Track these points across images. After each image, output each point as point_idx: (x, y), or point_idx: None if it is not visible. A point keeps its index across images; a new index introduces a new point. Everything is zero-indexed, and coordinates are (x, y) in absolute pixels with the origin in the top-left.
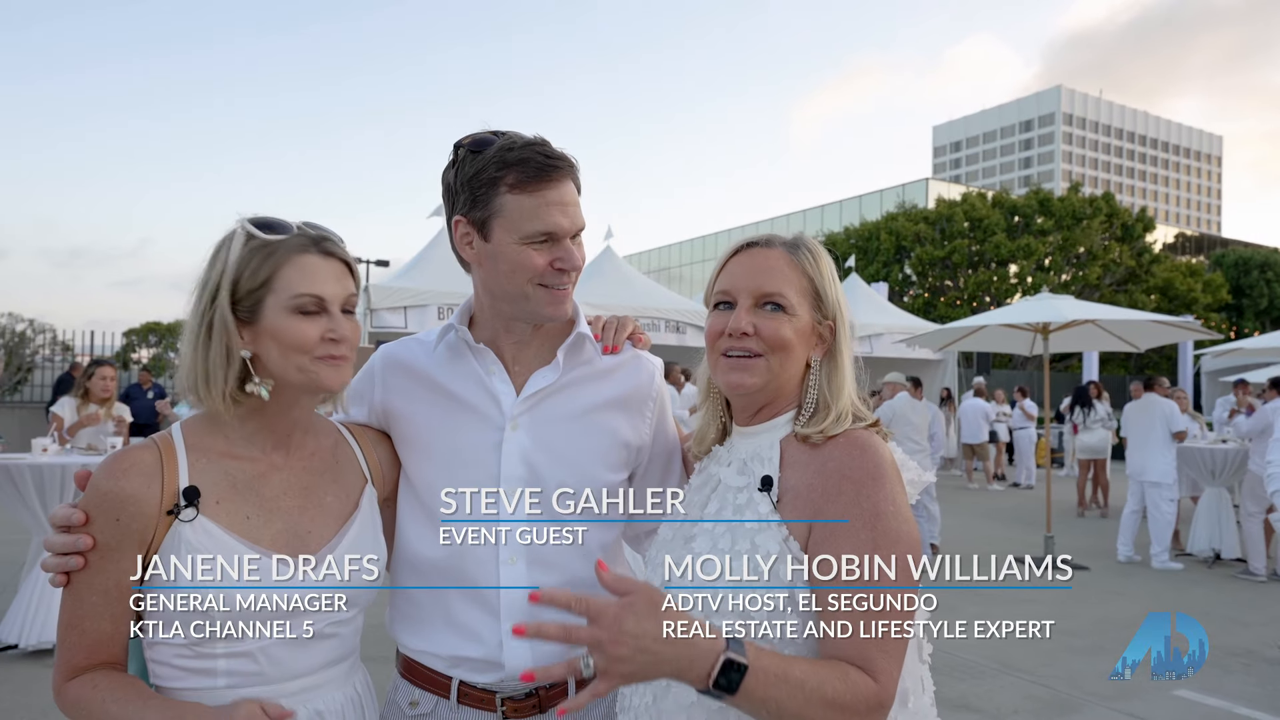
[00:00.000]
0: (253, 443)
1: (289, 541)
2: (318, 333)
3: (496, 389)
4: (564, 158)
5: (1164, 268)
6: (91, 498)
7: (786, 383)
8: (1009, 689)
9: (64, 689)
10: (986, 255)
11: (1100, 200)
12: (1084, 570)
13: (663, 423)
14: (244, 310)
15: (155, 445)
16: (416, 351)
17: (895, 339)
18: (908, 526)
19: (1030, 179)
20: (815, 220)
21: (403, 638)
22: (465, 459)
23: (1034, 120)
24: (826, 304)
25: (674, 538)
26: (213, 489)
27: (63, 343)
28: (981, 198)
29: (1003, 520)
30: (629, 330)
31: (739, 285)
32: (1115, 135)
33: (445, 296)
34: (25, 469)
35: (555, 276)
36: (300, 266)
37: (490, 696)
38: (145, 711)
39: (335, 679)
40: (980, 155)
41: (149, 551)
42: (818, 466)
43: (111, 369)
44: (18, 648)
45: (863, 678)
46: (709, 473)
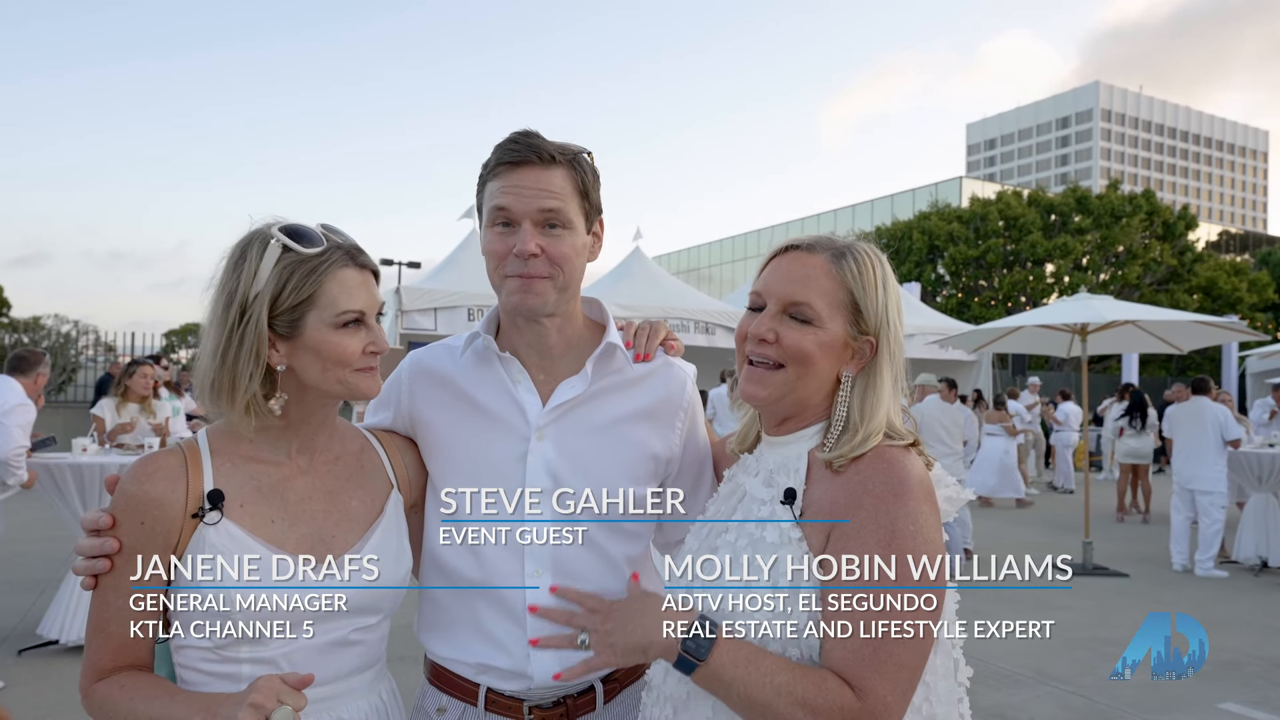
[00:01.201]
0: (277, 447)
1: (313, 545)
2: (359, 346)
3: (522, 398)
4: (533, 146)
5: (1207, 267)
6: (118, 501)
7: (809, 396)
8: (1046, 699)
9: (91, 690)
10: (1022, 255)
11: (1140, 198)
12: (1123, 577)
13: (694, 432)
14: (282, 325)
15: (181, 450)
16: (444, 358)
17: (928, 340)
18: (928, 547)
19: (1067, 177)
20: (846, 220)
21: (431, 644)
22: (490, 468)
23: (1071, 117)
24: (867, 318)
25: (699, 547)
26: (237, 492)
27: (105, 343)
28: (1017, 196)
29: (1039, 525)
30: (661, 337)
31: (770, 289)
32: (1156, 131)
33: (476, 298)
34: (66, 468)
35: (515, 263)
36: (341, 282)
37: (518, 704)
38: (171, 705)
39: (359, 687)
40: (1015, 153)
41: (174, 554)
42: (843, 480)
43: (150, 368)
44: (58, 643)
45: (844, 690)
46: (736, 482)
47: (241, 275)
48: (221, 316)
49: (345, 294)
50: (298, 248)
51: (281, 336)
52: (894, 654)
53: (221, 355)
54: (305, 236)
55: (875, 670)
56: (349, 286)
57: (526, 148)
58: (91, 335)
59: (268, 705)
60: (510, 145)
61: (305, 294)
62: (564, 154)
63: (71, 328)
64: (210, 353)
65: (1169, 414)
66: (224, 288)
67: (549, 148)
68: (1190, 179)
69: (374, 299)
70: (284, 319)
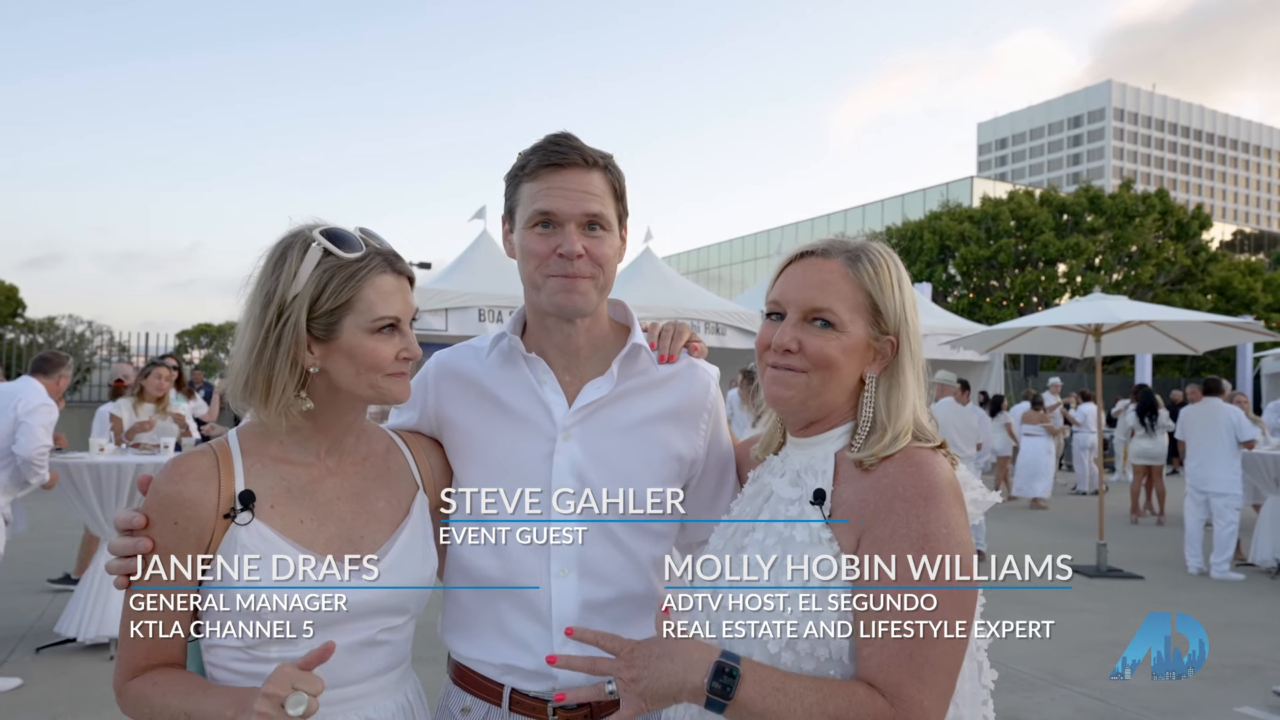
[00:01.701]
0: (306, 448)
1: (341, 546)
2: (393, 351)
3: (548, 399)
4: (575, 148)
5: (1221, 266)
6: (151, 501)
7: (833, 399)
8: (1060, 702)
9: (125, 688)
10: (1034, 254)
11: (1154, 197)
12: (1138, 580)
13: (718, 434)
14: (319, 328)
15: (212, 450)
16: (469, 359)
17: (939, 340)
18: (959, 550)
19: (1079, 176)
20: (857, 220)
21: (455, 644)
22: (516, 469)
23: (1083, 116)
24: (886, 318)
25: (724, 547)
26: (268, 493)
27: (119, 344)
28: (1029, 196)
29: (1052, 527)
30: (685, 338)
31: (789, 297)
32: (1169, 130)
33: (487, 299)
34: (84, 468)
35: (559, 263)
36: (379, 288)
37: (542, 705)
38: (205, 700)
39: (386, 687)
40: (1027, 153)
41: (206, 554)
42: (871, 482)
43: (167, 369)
44: (76, 641)
45: (874, 698)
46: (762, 482)
47: (281, 276)
48: (259, 316)
49: (382, 300)
50: (338, 252)
51: (317, 339)
52: (930, 658)
53: (257, 355)
54: (346, 241)
55: (912, 675)
56: (386, 292)
57: (571, 149)
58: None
59: (281, 693)
60: (553, 148)
61: (344, 298)
62: (602, 158)
63: (85, 328)
64: (245, 351)
65: (1182, 415)
66: (262, 287)
67: (591, 151)
68: (1204, 178)
69: (409, 305)
70: (321, 322)
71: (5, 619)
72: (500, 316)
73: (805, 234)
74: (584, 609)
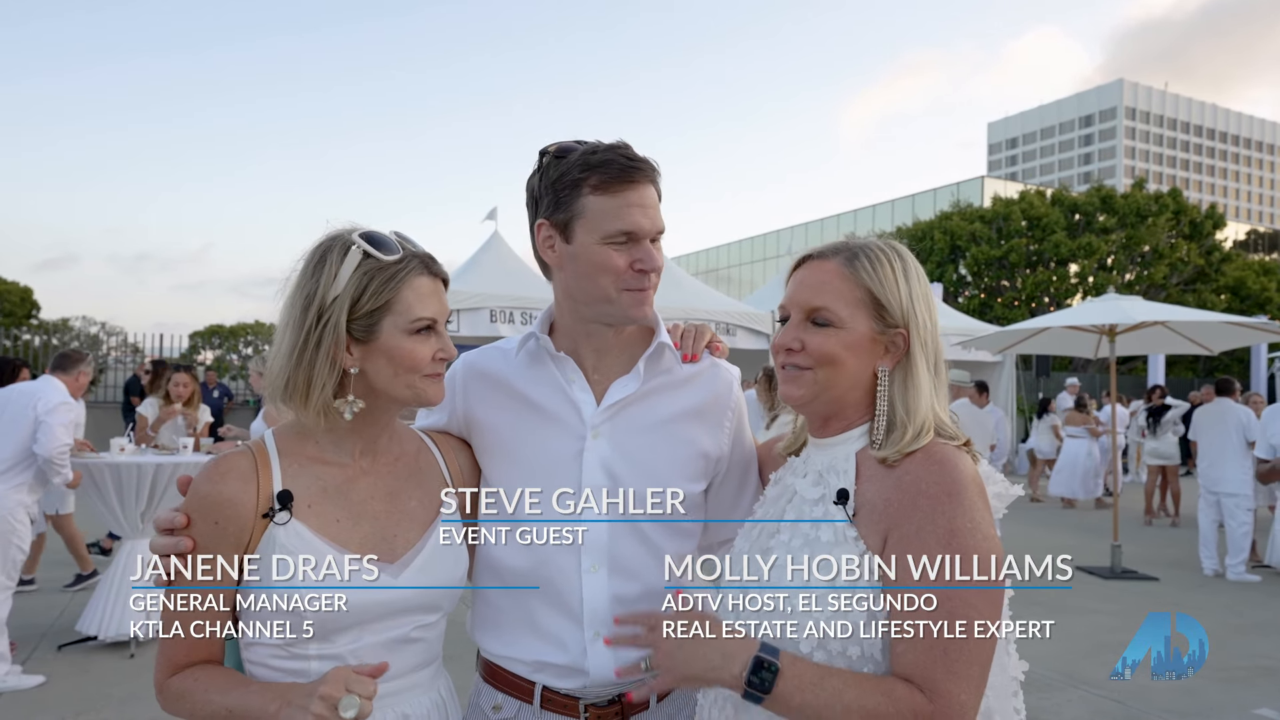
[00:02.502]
0: (341, 448)
1: (376, 545)
2: (430, 352)
3: (577, 397)
4: (646, 161)
5: (1235, 266)
6: (192, 501)
7: (845, 395)
8: (1077, 703)
9: (166, 685)
10: (1045, 255)
11: (1166, 197)
12: (1153, 581)
13: (740, 433)
14: (359, 329)
15: (250, 451)
16: (497, 359)
17: (951, 341)
18: (987, 544)
19: (1090, 176)
20: (867, 220)
21: (485, 642)
22: (547, 467)
23: (1094, 115)
24: (891, 312)
25: (750, 548)
26: (304, 493)
27: (133, 345)
28: (1040, 195)
29: (1067, 528)
30: (707, 338)
31: (793, 299)
32: (1181, 129)
33: (498, 300)
34: (104, 468)
35: (636, 278)
36: (416, 289)
37: (574, 703)
38: (248, 696)
39: (421, 683)
40: (1038, 152)
41: (245, 553)
42: (894, 480)
43: (188, 375)
44: (97, 639)
45: (912, 694)
46: (784, 484)
47: (321, 278)
48: (299, 318)
49: (420, 301)
50: (378, 254)
51: (357, 340)
52: (964, 653)
53: (297, 356)
54: (384, 244)
55: (947, 670)
56: (423, 294)
57: (643, 164)
58: (119, 336)
59: (335, 695)
60: (627, 163)
61: (383, 300)
62: (657, 168)
63: (99, 329)
64: (286, 353)
65: (1194, 416)
66: (302, 290)
67: (651, 163)
68: (1216, 177)
69: (444, 307)
70: (361, 323)
71: (26, 617)
72: (511, 317)
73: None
74: (614, 604)
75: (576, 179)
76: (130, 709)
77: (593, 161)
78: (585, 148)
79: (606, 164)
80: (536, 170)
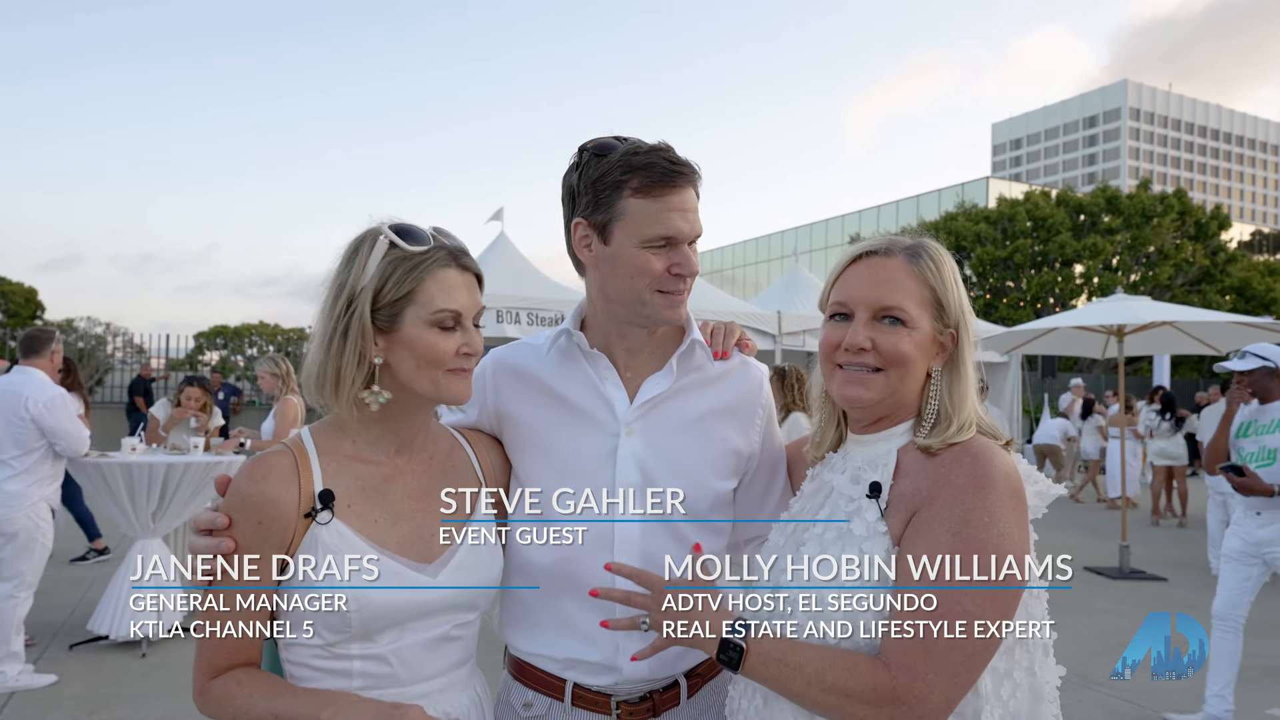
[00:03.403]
0: (377, 447)
1: (413, 544)
2: (453, 347)
3: (610, 394)
4: (688, 164)
5: (1240, 266)
6: (233, 501)
7: (906, 395)
8: (1090, 703)
9: (207, 688)
10: (1050, 255)
11: (1172, 198)
12: (1161, 581)
13: (770, 430)
14: (383, 319)
15: (289, 450)
16: (527, 355)
17: None
18: (1000, 540)
19: (1095, 176)
20: (871, 221)
21: (515, 640)
22: (581, 464)
23: (1099, 116)
24: (949, 312)
25: (785, 543)
26: (344, 492)
27: (138, 346)
28: (1045, 196)
29: (1074, 528)
30: (737, 336)
31: (856, 297)
32: (1186, 130)
33: (504, 300)
34: (116, 467)
35: (673, 281)
36: (441, 281)
37: (605, 699)
38: (294, 701)
39: (459, 681)
40: (1042, 153)
41: (286, 553)
42: (929, 472)
43: (198, 390)
44: (108, 639)
45: (875, 670)
46: (822, 480)
47: (352, 269)
48: (330, 308)
49: (444, 293)
50: (403, 244)
51: (381, 331)
52: (951, 641)
53: (327, 345)
54: (412, 235)
55: (923, 651)
56: (448, 286)
57: (686, 168)
58: (124, 337)
59: None
60: (670, 166)
61: (405, 289)
62: (696, 170)
63: (104, 329)
64: (318, 343)
65: (1201, 416)
66: (335, 281)
67: (692, 166)
68: (1221, 178)
69: (474, 301)
70: (385, 313)
71: (37, 615)
72: (518, 318)
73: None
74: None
75: (618, 180)
76: (142, 709)
77: (635, 163)
78: (627, 147)
79: (649, 166)
80: (575, 167)
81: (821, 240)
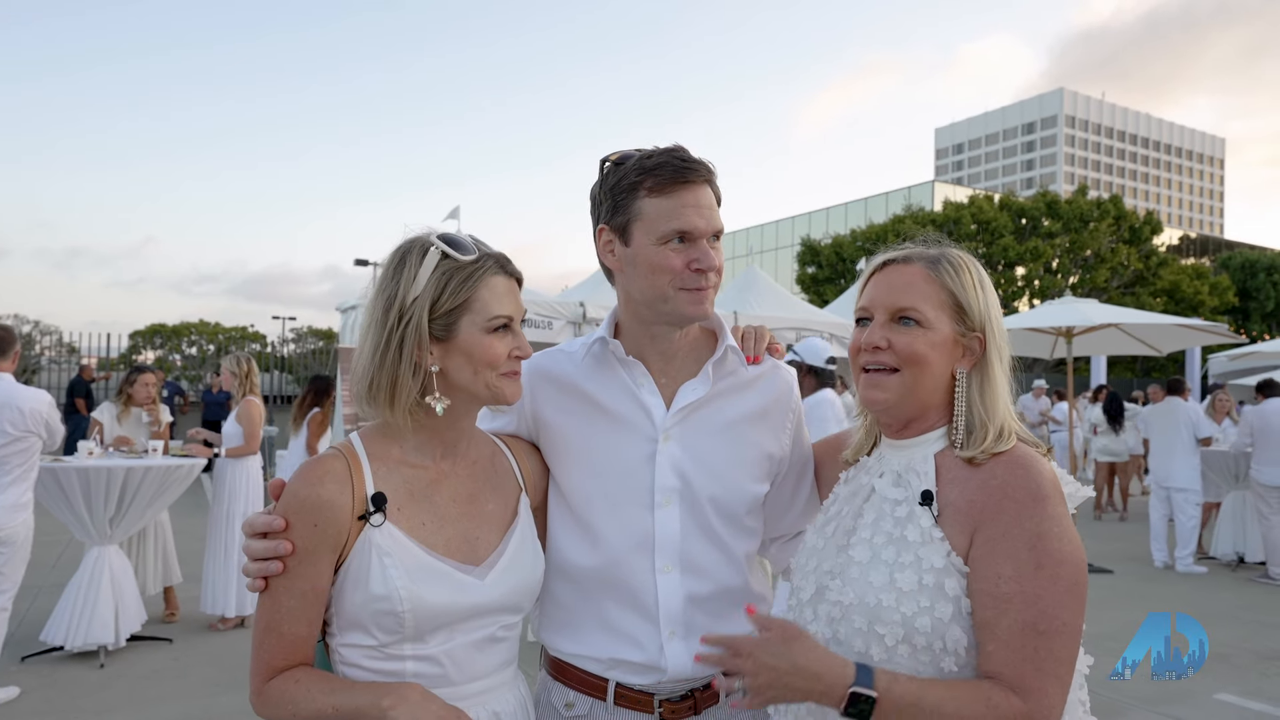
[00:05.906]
0: (424, 452)
1: (460, 547)
2: (506, 349)
3: (647, 401)
4: (700, 163)
5: (1171, 270)
6: (290, 504)
7: (928, 397)
8: None
9: (265, 689)
10: (994, 258)
11: (1108, 203)
12: (1108, 573)
13: (799, 433)
14: (438, 327)
15: (342, 453)
16: (563, 362)
17: None
18: (1070, 547)
19: (1033, 181)
20: (821, 222)
21: (555, 641)
22: (620, 470)
23: (1036, 123)
24: (971, 315)
25: (825, 546)
26: (394, 496)
27: (69, 345)
28: (989, 200)
29: None
30: (766, 340)
31: (876, 301)
32: (1118, 138)
33: None
34: (73, 472)
35: (693, 277)
36: (493, 288)
37: (648, 698)
38: (353, 695)
39: (506, 681)
40: (982, 158)
41: (341, 555)
42: (979, 483)
43: (153, 375)
44: (63, 649)
45: (1008, 698)
46: (859, 482)
47: (401, 280)
48: (381, 319)
49: (496, 299)
50: (455, 255)
51: (436, 339)
52: (1054, 651)
53: (380, 357)
54: (462, 245)
55: (1036, 669)
56: (499, 293)
57: (698, 165)
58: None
59: None
60: (682, 164)
61: (461, 298)
62: (712, 170)
63: (33, 328)
64: (369, 355)
65: (1144, 414)
66: (383, 292)
67: (706, 165)
68: (1150, 184)
69: (520, 306)
70: (440, 322)
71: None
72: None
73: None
74: (688, 603)
75: (633, 183)
76: None
77: (648, 165)
78: (642, 153)
79: (661, 166)
80: (598, 179)
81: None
